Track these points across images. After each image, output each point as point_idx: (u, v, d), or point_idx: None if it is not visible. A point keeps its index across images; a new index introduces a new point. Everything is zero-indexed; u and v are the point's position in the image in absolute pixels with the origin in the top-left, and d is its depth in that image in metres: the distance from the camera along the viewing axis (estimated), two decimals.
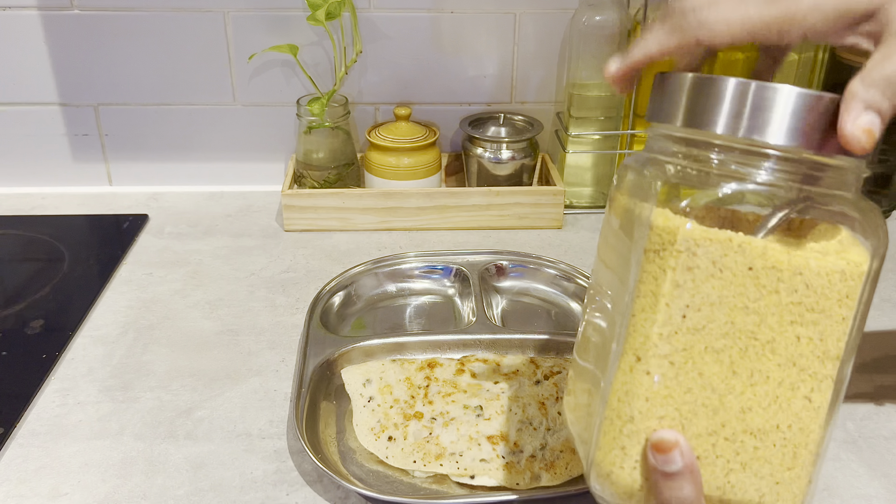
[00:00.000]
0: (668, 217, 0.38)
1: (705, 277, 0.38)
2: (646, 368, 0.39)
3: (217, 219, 0.96)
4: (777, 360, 0.39)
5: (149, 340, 0.73)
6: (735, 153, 0.39)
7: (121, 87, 0.97)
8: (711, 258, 0.38)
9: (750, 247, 0.38)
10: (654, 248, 0.39)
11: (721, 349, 0.39)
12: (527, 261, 0.83)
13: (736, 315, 0.38)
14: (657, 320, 0.39)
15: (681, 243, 0.38)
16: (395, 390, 0.64)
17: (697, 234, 0.38)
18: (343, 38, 0.95)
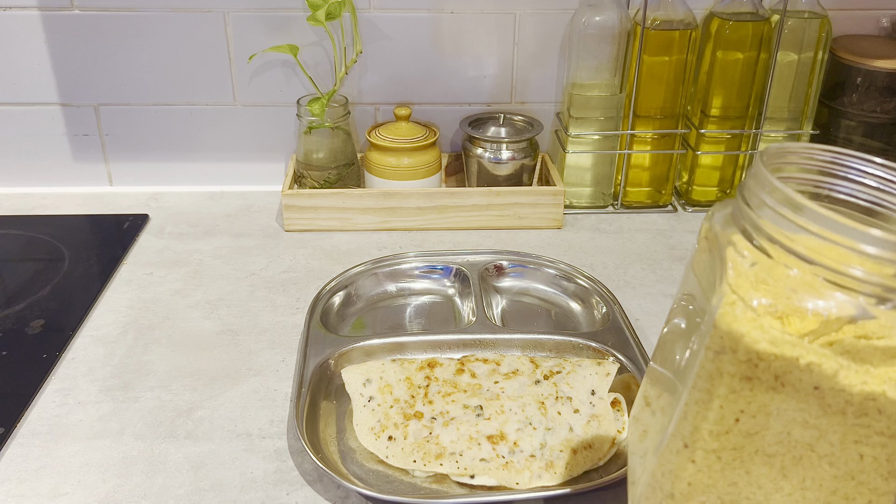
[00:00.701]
0: (735, 319, 0.35)
1: (765, 389, 0.36)
2: (691, 456, 0.38)
3: (217, 219, 0.96)
4: (834, 472, 0.37)
5: (149, 340, 0.73)
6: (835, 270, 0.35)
7: (121, 87, 0.97)
8: (774, 373, 0.35)
9: (820, 369, 0.35)
10: (714, 348, 0.36)
11: (773, 454, 0.37)
12: (527, 261, 0.83)
13: (794, 427, 0.36)
14: (709, 418, 0.37)
15: (742, 353, 0.35)
16: (395, 390, 0.64)
17: (761, 348, 0.35)
18: (343, 38, 0.95)
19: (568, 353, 0.70)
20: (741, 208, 0.38)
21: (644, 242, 0.91)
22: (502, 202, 0.92)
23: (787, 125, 0.96)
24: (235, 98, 0.99)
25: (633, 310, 0.78)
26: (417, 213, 0.92)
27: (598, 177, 0.98)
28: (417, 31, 0.96)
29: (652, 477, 0.40)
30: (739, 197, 0.39)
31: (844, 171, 0.40)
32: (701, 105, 0.95)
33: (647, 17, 0.89)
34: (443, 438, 0.59)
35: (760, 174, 0.37)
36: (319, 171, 0.95)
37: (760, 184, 0.37)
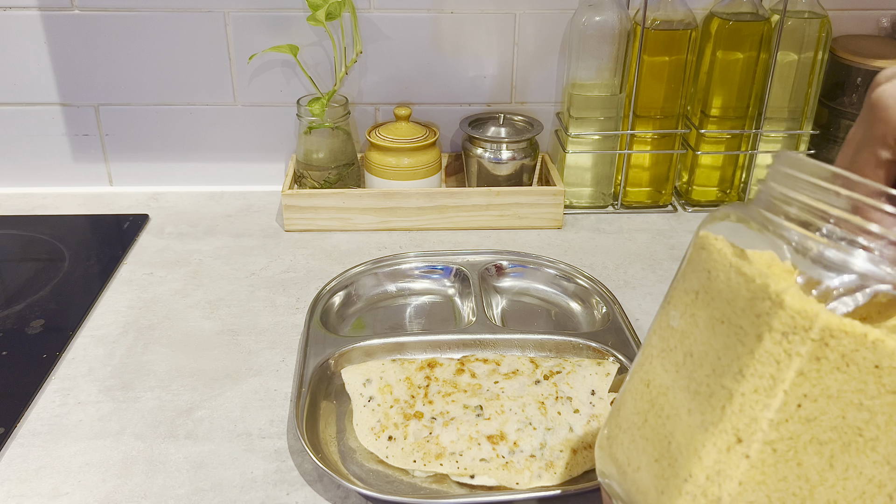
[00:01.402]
0: (806, 298, 0.35)
1: (831, 370, 0.36)
2: (746, 452, 0.37)
3: (217, 219, 0.96)
4: (874, 458, 0.37)
5: (149, 340, 0.73)
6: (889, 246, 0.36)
7: (121, 87, 0.97)
8: (842, 351, 0.35)
9: (883, 345, 0.35)
10: (781, 330, 0.36)
11: (825, 441, 0.37)
12: (527, 261, 0.83)
13: (849, 410, 0.37)
14: (771, 405, 0.37)
15: (816, 332, 0.35)
16: (395, 390, 0.64)
17: (835, 325, 0.35)
18: (343, 38, 0.95)
19: (568, 353, 0.70)
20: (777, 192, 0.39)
21: (644, 242, 0.91)
22: (502, 202, 0.92)
23: (787, 125, 0.96)
24: (235, 98, 0.99)
25: (633, 310, 0.78)
26: (417, 213, 0.92)
27: (598, 177, 0.98)
28: (417, 31, 0.96)
29: (693, 483, 0.39)
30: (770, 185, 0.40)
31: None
32: (701, 105, 0.95)
33: (647, 17, 0.89)
34: (443, 438, 0.59)
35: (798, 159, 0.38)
36: (319, 171, 0.95)
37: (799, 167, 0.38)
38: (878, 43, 0.96)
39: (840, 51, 0.94)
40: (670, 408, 0.43)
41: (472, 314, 0.74)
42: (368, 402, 0.63)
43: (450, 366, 0.66)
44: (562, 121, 0.99)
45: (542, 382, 0.64)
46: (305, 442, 0.57)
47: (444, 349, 0.70)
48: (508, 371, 0.66)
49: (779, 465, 0.38)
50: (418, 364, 0.67)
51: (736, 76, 0.91)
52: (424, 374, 0.65)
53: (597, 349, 0.70)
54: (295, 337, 0.74)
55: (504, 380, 0.65)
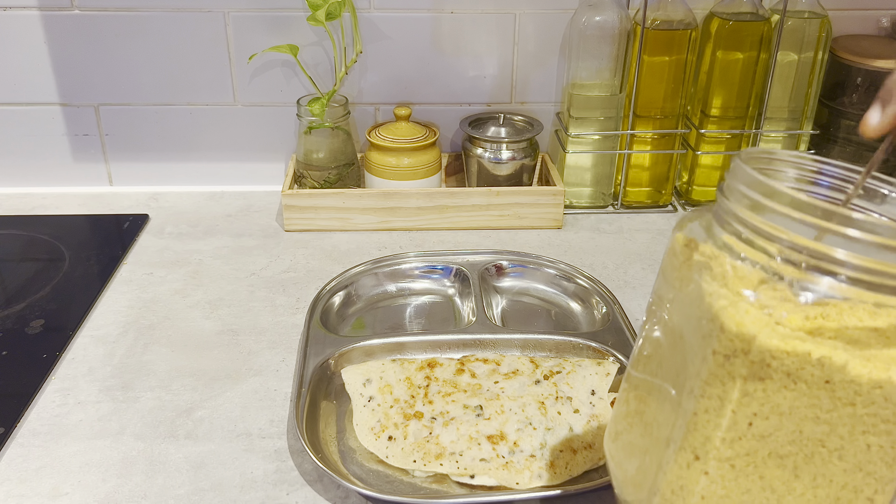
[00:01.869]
0: (743, 321, 0.35)
1: (777, 388, 0.36)
2: (704, 469, 0.38)
3: (217, 219, 0.96)
4: (843, 466, 0.37)
5: (149, 340, 0.73)
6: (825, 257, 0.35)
7: (121, 87, 0.97)
8: (786, 370, 0.35)
9: (830, 362, 0.35)
10: (723, 352, 0.36)
11: (786, 454, 0.37)
12: (527, 261, 0.83)
13: (805, 424, 0.37)
14: (721, 425, 0.37)
15: (755, 353, 0.35)
16: (395, 390, 0.64)
17: (774, 346, 0.35)
18: (343, 38, 0.95)
19: (568, 353, 0.70)
20: (725, 207, 0.39)
21: (644, 242, 0.91)
22: (502, 202, 0.92)
23: (787, 125, 0.96)
24: (235, 98, 0.99)
25: (633, 310, 0.78)
26: (417, 213, 0.92)
27: (598, 177, 0.98)
28: (417, 31, 0.96)
29: (661, 497, 0.40)
30: (721, 197, 0.39)
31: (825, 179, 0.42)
32: (701, 105, 0.95)
33: (647, 17, 0.89)
34: (443, 438, 0.59)
35: (741, 171, 0.38)
36: (319, 171, 0.95)
37: (742, 180, 0.38)
38: (878, 43, 0.96)
39: (840, 51, 0.94)
40: (648, 417, 0.43)
41: (472, 314, 0.74)
42: (368, 402, 0.63)
43: (450, 366, 0.66)
44: (562, 121, 0.99)
45: (542, 382, 0.64)
46: (305, 442, 0.57)
47: (444, 349, 0.70)
48: (508, 371, 0.66)
49: (739, 479, 0.38)
50: (418, 364, 0.67)
51: (736, 76, 0.91)
52: (424, 374, 0.65)
53: (597, 349, 0.70)
54: (295, 337, 0.74)
55: (504, 380, 0.65)
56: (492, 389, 0.64)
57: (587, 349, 0.70)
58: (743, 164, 0.39)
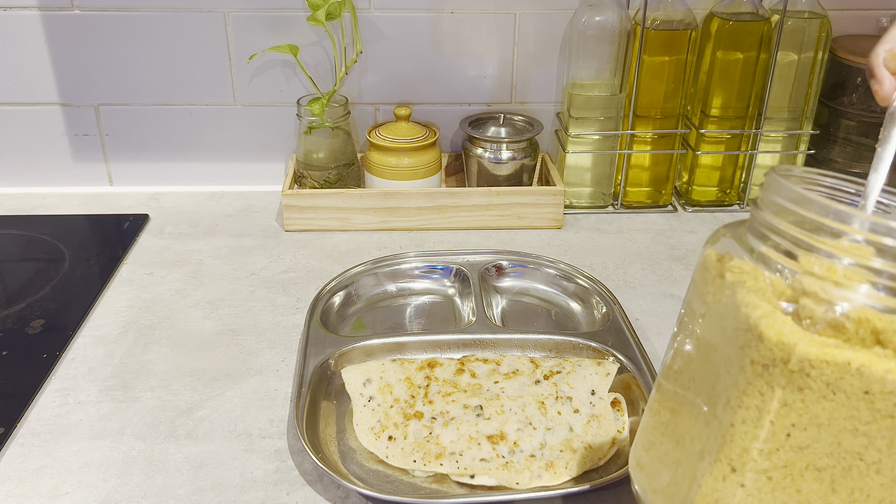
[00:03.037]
0: (782, 330, 0.35)
1: (817, 398, 0.36)
2: (741, 481, 0.37)
3: (217, 219, 0.96)
4: (881, 480, 0.37)
5: (149, 340, 0.73)
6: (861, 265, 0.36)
7: (121, 87, 0.97)
8: (826, 380, 0.35)
9: (869, 371, 0.35)
10: (762, 362, 0.36)
11: (824, 468, 0.37)
12: (527, 261, 0.83)
13: (844, 436, 0.36)
14: (759, 436, 0.37)
15: (795, 363, 0.35)
16: (396, 390, 0.64)
17: (814, 355, 0.35)
18: (343, 38, 0.95)
19: (568, 353, 0.70)
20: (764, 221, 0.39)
21: (644, 242, 0.91)
22: (502, 202, 0.92)
23: (787, 125, 0.96)
24: (235, 98, 0.99)
25: (633, 310, 0.78)
26: (417, 213, 0.92)
27: (598, 177, 0.98)
28: (417, 31, 0.96)
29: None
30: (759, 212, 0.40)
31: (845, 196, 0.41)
32: (701, 105, 0.95)
33: (647, 17, 0.89)
34: (443, 438, 0.59)
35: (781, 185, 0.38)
36: (319, 171, 0.95)
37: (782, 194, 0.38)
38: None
39: (840, 51, 0.94)
40: (679, 432, 0.43)
41: (472, 314, 0.74)
42: (368, 402, 0.63)
43: (450, 366, 0.66)
44: (562, 121, 0.99)
45: (542, 382, 0.64)
46: (305, 442, 0.57)
47: (444, 349, 0.70)
48: (508, 371, 0.66)
49: (776, 492, 0.38)
50: (418, 364, 0.67)
51: (736, 76, 0.91)
52: (424, 374, 0.65)
53: (597, 349, 0.70)
54: (295, 337, 0.74)
55: (504, 380, 0.65)
56: (492, 389, 0.64)
57: (587, 349, 0.70)
58: (782, 178, 0.39)
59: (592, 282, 0.80)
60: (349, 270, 0.81)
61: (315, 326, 0.72)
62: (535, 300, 0.81)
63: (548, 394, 0.63)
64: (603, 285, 0.79)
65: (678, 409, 0.44)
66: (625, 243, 0.91)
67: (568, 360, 0.68)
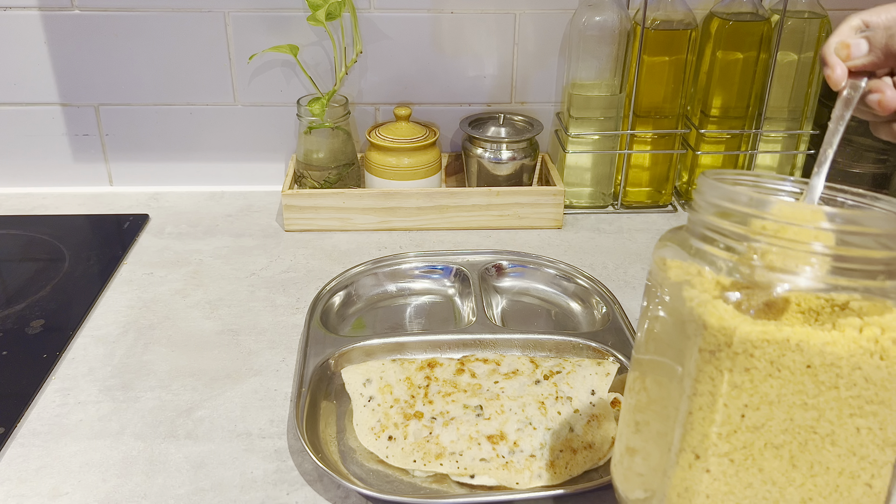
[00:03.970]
0: (723, 316, 0.37)
1: (763, 377, 0.37)
2: (705, 466, 0.39)
3: (217, 219, 0.96)
4: (837, 452, 0.39)
5: (149, 340, 0.73)
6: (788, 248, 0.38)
7: (121, 87, 0.97)
8: (769, 358, 0.37)
9: (808, 345, 0.37)
10: (709, 348, 0.38)
11: (781, 444, 0.38)
12: (527, 261, 0.83)
13: (795, 411, 0.38)
14: (716, 420, 0.38)
15: (737, 345, 0.37)
16: (396, 390, 0.64)
17: (754, 336, 0.37)
18: (343, 38, 0.95)
19: (568, 353, 0.70)
20: (697, 218, 0.42)
21: (644, 242, 0.91)
22: (502, 202, 0.92)
23: (787, 125, 0.96)
24: (235, 98, 0.99)
25: (633, 310, 0.78)
26: (417, 213, 0.92)
27: (598, 177, 0.98)
28: (417, 31, 0.96)
29: (668, 501, 0.40)
30: (694, 209, 0.42)
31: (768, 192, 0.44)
32: (701, 105, 0.95)
33: (647, 17, 0.89)
34: (443, 438, 0.59)
35: (708, 184, 0.42)
36: (319, 171, 0.95)
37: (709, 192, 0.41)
38: None
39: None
40: (648, 429, 0.45)
41: (472, 314, 0.74)
42: (368, 402, 0.63)
43: (450, 366, 0.66)
44: (562, 121, 0.99)
45: (542, 382, 0.64)
46: (305, 442, 0.57)
47: (444, 349, 0.70)
48: (508, 371, 0.66)
49: (740, 473, 0.39)
50: (418, 364, 0.67)
51: (736, 76, 0.91)
52: (424, 374, 0.65)
53: (597, 349, 0.70)
54: (295, 337, 0.74)
55: (504, 380, 0.65)
56: (492, 389, 0.64)
57: (587, 349, 0.70)
58: (709, 178, 0.42)
59: (592, 282, 0.80)
60: (349, 270, 0.81)
61: (315, 326, 0.72)
62: (535, 300, 0.81)
63: (548, 394, 0.63)
64: (603, 285, 0.79)
65: (644, 409, 0.45)
66: (625, 243, 0.91)
67: (568, 360, 0.68)
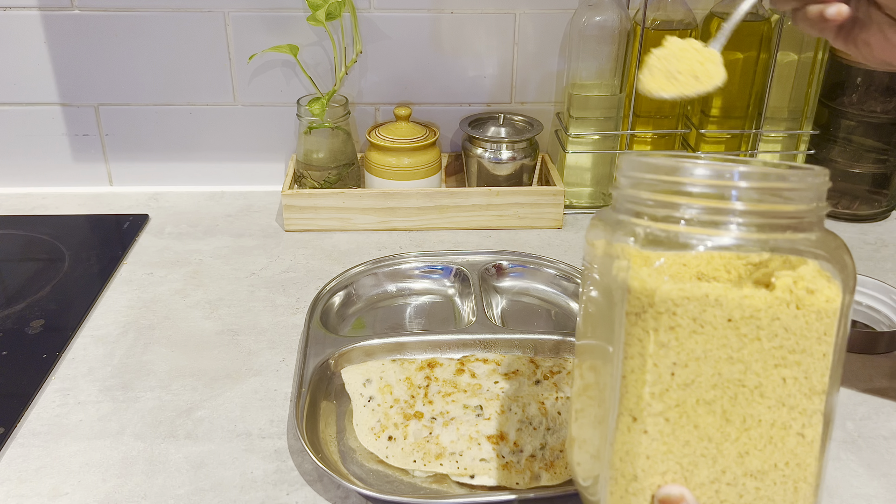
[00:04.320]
0: (644, 279, 0.39)
1: (688, 334, 0.39)
2: (643, 427, 0.40)
3: (217, 219, 0.96)
4: (767, 403, 0.40)
5: (149, 340, 0.73)
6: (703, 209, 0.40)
7: (121, 87, 0.97)
8: (691, 315, 0.39)
9: (726, 299, 0.38)
10: (634, 311, 0.39)
11: (712, 400, 0.40)
12: (527, 261, 0.83)
13: (722, 366, 0.39)
14: (647, 380, 0.40)
15: (659, 304, 0.39)
16: (395, 390, 0.64)
17: (675, 294, 0.38)
18: (343, 38, 0.95)
19: (568, 353, 0.70)
20: (619, 193, 0.43)
21: None
22: (502, 202, 0.92)
23: (787, 125, 0.96)
24: (235, 98, 0.99)
25: None
26: (417, 213, 0.92)
27: (598, 177, 0.98)
28: (417, 31, 0.96)
29: (611, 468, 0.41)
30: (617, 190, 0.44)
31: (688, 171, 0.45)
32: (701, 105, 0.95)
33: (647, 17, 0.89)
34: (443, 438, 0.59)
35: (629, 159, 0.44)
36: (319, 171, 0.95)
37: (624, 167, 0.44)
38: None
39: (840, 51, 0.94)
40: (591, 402, 0.46)
41: (472, 314, 0.74)
42: (368, 402, 0.63)
43: (450, 366, 0.66)
44: (562, 121, 0.99)
45: (542, 382, 0.64)
46: (305, 442, 0.57)
47: (444, 349, 0.70)
48: (508, 371, 0.66)
49: (676, 432, 0.40)
50: (418, 364, 0.67)
51: (736, 76, 0.91)
52: (424, 374, 0.65)
53: None
54: (295, 337, 0.74)
55: (504, 380, 0.65)
56: (492, 389, 0.64)
57: None
58: (631, 156, 0.44)
59: None
60: (349, 270, 0.81)
61: (315, 326, 0.72)
62: (535, 300, 0.81)
63: (548, 394, 0.63)
64: None
65: (588, 387, 0.47)
66: None
67: (568, 360, 0.68)
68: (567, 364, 0.67)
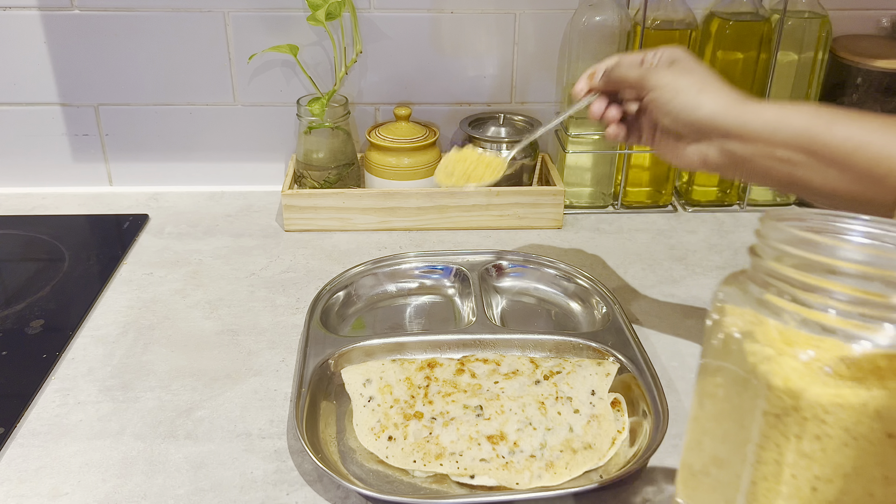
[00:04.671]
0: (790, 376, 0.33)
1: (837, 446, 0.33)
2: None
3: (217, 219, 0.96)
4: None
5: (149, 340, 0.73)
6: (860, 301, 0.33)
7: (121, 87, 0.97)
8: (843, 425, 0.33)
9: (889, 412, 0.32)
10: (774, 412, 0.34)
11: None
12: (527, 261, 0.83)
13: (875, 487, 0.33)
14: (782, 492, 0.34)
15: (806, 409, 0.33)
16: (395, 390, 0.64)
17: (825, 399, 0.32)
18: (343, 38, 0.95)
19: (568, 353, 0.70)
20: (760, 264, 0.37)
21: (644, 242, 0.91)
22: (502, 202, 0.92)
23: None
24: (235, 98, 0.99)
25: (633, 310, 0.78)
26: (417, 213, 0.92)
27: (598, 177, 0.98)
28: (417, 31, 0.96)
29: None
30: (758, 259, 0.37)
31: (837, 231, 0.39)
32: None
33: (647, 17, 0.89)
34: (443, 438, 0.59)
35: (777, 229, 0.36)
36: (319, 171, 0.95)
37: (780, 238, 0.36)
38: (878, 43, 0.96)
39: (840, 51, 0.94)
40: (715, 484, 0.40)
41: (472, 314, 0.74)
42: (368, 402, 0.63)
43: (450, 366, 0.66)
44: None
45: (542, 382, 0.64)
46: (305, 442, 0.57)
47: (444, 349, 0.70)
48: (508, 371, 0.66)
49: None
50: (418, 364, 0.67)
51: (736, 76, 0.91)
52: (424, 374, 0.65)
53: (597, 349, 0.70)
54: (295, 337, 0.74)
55: (504, 380, 0.65)
56: (492, 389, 0.64)
57: (587, 349, 0.70)
58: (777, 222, 0.37)
59: (592, 282, 0.80)
60: (349, 270, 0.81)
61: (315, 326, 0.72)
62: (535, 300, 0.81)
63: (548, 394, 0.63)
64: (603, 285, 0.79)
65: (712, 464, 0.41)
66: (625, 243, 0.91)
67: (568, 361, 0.68)
68: (567, 364, 0.67)
